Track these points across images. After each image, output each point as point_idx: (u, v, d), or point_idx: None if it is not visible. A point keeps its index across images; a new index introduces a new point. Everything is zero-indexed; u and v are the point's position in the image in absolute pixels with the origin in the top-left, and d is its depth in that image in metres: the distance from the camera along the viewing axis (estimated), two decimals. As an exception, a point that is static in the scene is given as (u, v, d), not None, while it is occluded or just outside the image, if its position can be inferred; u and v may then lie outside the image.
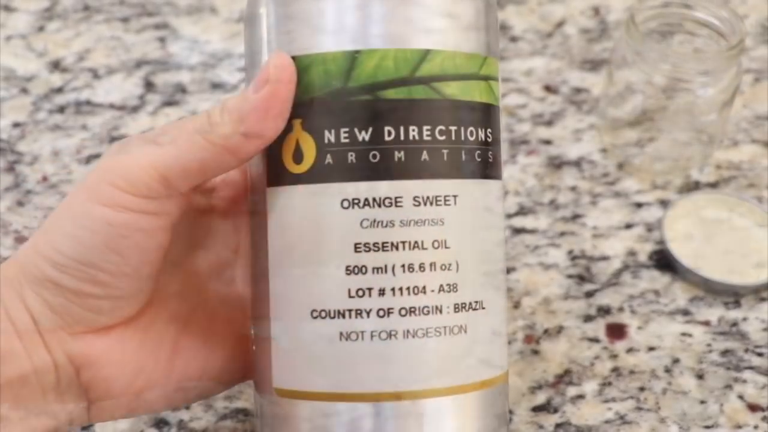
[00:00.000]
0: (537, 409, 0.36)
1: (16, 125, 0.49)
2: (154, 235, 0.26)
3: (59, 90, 0.51)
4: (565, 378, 0.38)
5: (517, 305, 0.40)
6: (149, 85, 0.52)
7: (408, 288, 0.25)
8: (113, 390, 0.27)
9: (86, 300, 0.26)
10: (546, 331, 0.39)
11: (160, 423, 0.35)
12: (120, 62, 0.53)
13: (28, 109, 0.50)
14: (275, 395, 0.27)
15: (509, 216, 0.44)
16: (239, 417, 0.36)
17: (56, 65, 0.53)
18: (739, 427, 0.36)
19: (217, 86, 0.52)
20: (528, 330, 0.39)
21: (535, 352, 0.39)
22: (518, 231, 0.44)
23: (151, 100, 0.51)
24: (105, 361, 0.27)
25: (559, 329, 0.40)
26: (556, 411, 0.36)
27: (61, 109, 0.50)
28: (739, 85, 0.44)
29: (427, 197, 0.26)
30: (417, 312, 0.25)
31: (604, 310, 0.40)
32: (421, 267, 0.26)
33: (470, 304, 0.26)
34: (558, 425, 0.36)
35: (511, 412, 0.36)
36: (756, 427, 0.36)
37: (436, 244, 0.26)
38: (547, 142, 0.48)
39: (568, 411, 0.36)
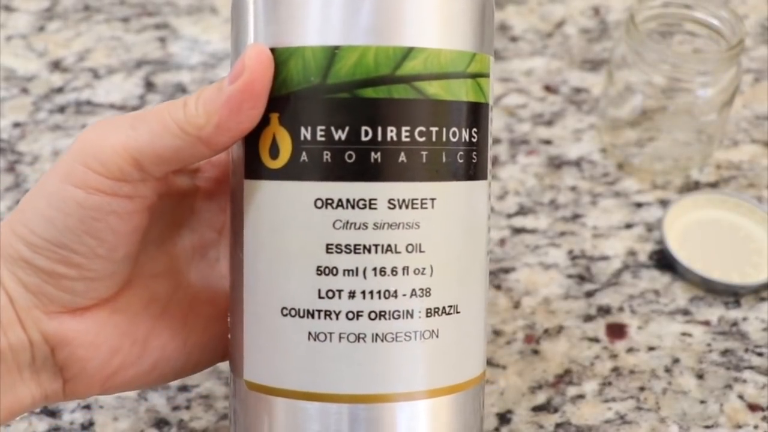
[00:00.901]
0: (537, 408, 0.37)
1: (16, 125, 0.49)
2: (129, 219, 0.26)
3: (60, 90, 0.51)
4: (565, 378, 0.38)
5: (517, 305, 0.41)
6: (149, 85, 0.52)
7: (379, 292, 0.25)
8: (88, 370, 0.28)
9: (60, 281, 0.26)
10: (546, 331, 0.39)
11: (161, 423, 0.35)
12: (120, 62, 0.53)
13: (28, 109, 0.50)
14: (246, 388, 0.27)
15: (509, 216, 0.45)
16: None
17: (57, 65, 0.53)
18: (739, 426, 0.36)
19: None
20: (528, 330, 0.40)
21: (535, 352, 0.39)
22: (518, 231, 0.44)
23: (152, 100, 0.51)
24: (80, 341, 0.27)
25: (559, 329, 0.40)
26: (556, 411, 0.36)
27: (62, 109, 0.50)
28: (739, 85, 0.44)
29: (403, 200, 0.25)
30: (387, 316, 0.25)
31: (604, 310, 0.40)
32: (394, 271, 0.25)
33: (444, 308, 0.26)
34: (558, 425, 0.36)
35: (511, 411, 0.36)
36: (756, 426, 0.36)
37: (410, 248, 0.25)
38: (547, 142, 0.48)
39: (568, 411, 0.36)
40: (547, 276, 0.42)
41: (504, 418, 0.36)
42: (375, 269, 0.25)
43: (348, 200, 0.25)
